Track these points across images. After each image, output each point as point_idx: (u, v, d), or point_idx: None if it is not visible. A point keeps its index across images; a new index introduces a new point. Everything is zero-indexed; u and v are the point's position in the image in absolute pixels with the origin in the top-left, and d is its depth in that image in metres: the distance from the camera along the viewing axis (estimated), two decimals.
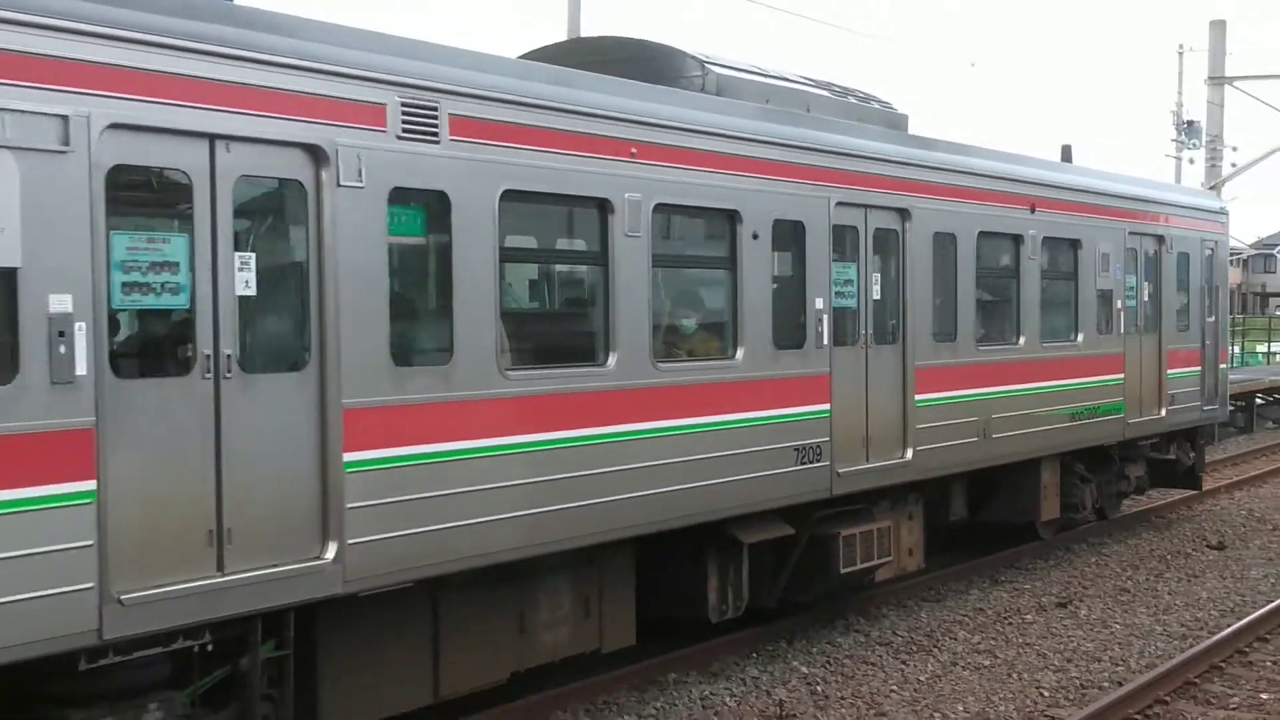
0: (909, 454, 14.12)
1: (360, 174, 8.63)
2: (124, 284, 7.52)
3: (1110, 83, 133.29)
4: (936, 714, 11.45)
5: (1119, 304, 18.55)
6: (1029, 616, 14.87)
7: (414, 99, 9.02)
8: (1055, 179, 17.26)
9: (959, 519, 16.61)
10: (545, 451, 10.01)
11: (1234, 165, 47.56)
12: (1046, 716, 11.44)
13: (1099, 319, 18.05)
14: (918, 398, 14.21)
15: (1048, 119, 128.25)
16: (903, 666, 12.84)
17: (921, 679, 12.43)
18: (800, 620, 13.88)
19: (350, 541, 8.61)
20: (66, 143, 7.16)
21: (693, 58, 12.77)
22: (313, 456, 8.47)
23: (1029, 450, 16.58)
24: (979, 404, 15.28)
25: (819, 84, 14.46)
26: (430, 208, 9.27)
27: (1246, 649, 13.56)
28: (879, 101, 15.17)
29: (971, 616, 14.82)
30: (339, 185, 8.51)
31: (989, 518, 17.38)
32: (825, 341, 12.90)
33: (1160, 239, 19.73)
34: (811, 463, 12.73)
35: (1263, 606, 14.93)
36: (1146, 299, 19.42)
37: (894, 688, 12.17)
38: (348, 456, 8.60)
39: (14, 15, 6.99)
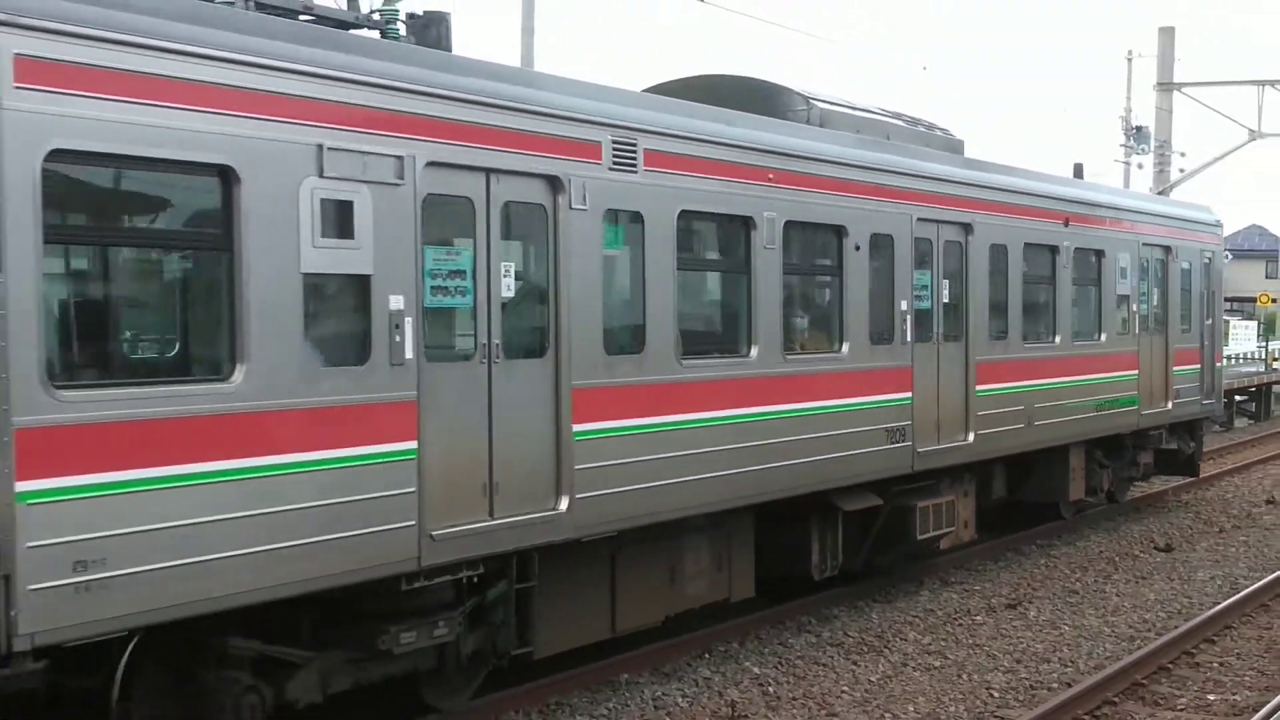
0: (970, 437, 16.26)
1: (585, 199, 10.69)
2: (432, 287, 9.57)
3: (1060, 87, 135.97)
4: (887, 714, 11.51)
5: (1134, 307, 20.78)
6: (979, 618, 14.96)
7: (621, 137, 11.09)
8: (1083, 196, 19.48)
9: (999, 497, 18.76)
10: (710, 427, 12.09)
11: (1182, 171, 47.92)
12: (996, 717, 11.50)
13: (1118, 321, 20.26)
14: (978, 388, 16.36)
15: (998, 122, 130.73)
16: (854, 667, 12.92)
17: (872, 679, 12.52)
18: (752, 620, 14.13)
19: (577, 496, 10.66)
20: (401, 177, 9.20)
21: (798, 94, 14.86)
22: (550, 427, 10.52)
23: (1063, 436, 18.76)
24: (1025, 395, 17.44)
25: (892, 114, 16.59)
26: (629, 226, 11.33)
27: (1194, 650, 13.65)
28: (941, 129, 17.32)
29: (922, 617, 14.88)
30: (570, 208, 10.57)
31: (1024, 497, 19.53)
32: (908, 338, 15.02)
33: (1167, 249, 21.96)
34: (898, 442, 14.84)
35: (1209, 608, 15.12)
36: (1156, 303, 21.66)
37: (845, 688, 12.24)
38: (576, 427, 10.65)
39: (371, 79, 9.02)
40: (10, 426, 7.11)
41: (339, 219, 8.78)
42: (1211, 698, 12.15)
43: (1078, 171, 23.05)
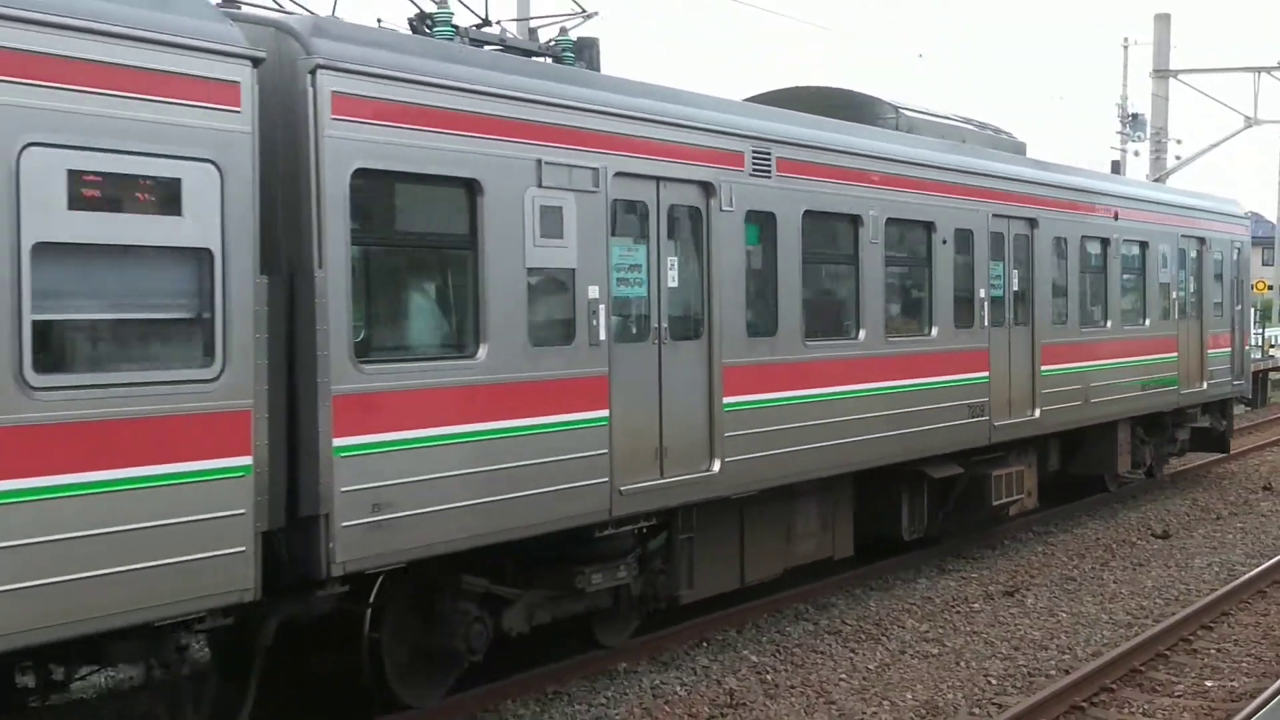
0: (1037, 413, 17.92)
1: (731, 202, 12.35)
2: (617, 279, 11.23)
3: (1056, 75, 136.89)
4: (885, 702, 11.49)
5: (1174, 295, 22.45)
6: (976, 605, 14.94)
7: (759, 148, 12.75)
8: (1130, 192, 21.15)
9: (1054, 469, 20.41)
10: (826, 401, 13.75)
11: (1178, 158, 47.17)
12: (994, 704, 11.45)
13: (1160, 307, 21.92)
14: (1043, 368, 18.02)
15: (994, 110, 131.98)
16: (852, 655, 12.92)
17: (870, 667, 12.52)
18: (750, 609, 14.16)
19: (726, 460, 12.34)
20: (596, 185, 10.86)
21: (888, 103, 16.52)
22: (705, 399, 12.19)
23: (1113, 413, 20.41)
24: (1082, 374, 19.10)
25: (964, 119, 18.24)
26: (764, 225, 12.99)
27: (1191, 637, 13.63)
28: (1005, 133, 18.98)
29: (919, 605, 14.86)
30: (720, 210, 12.23)
31: (1076, 470, 21.17)
32: (985, 323, 16.69)
33: (1202, 241, 23.62)
34: (977, 417, 16.50)
35: (1207, 595, 15.08)
36: (1192, 290, 23.34)
37: (843, 676, 12.24)
38: (725, 400, 12.32)
39: (576, 103, 10.69)
40: (330, 394, 8.77)
41: (552, 222, 10.44)
42: (1209, 684, 12.14)
43: (1115, 168, 24.74)
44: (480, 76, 9.92)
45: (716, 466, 12.29)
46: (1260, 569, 16.41)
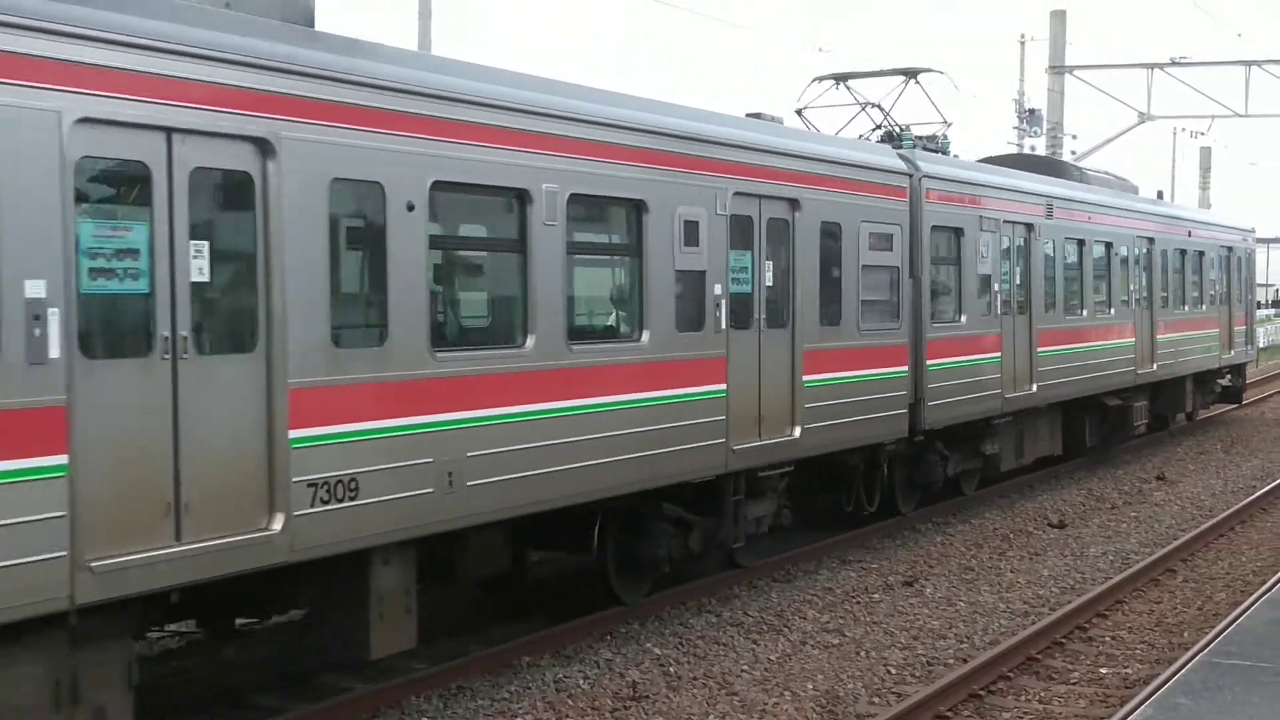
0: (1155, 366, 27.08)
1: (1040, 235, 21.30)
2: (1002, 280, 20.09)
3: (955, 70, 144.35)
4: (787, 692, 11.52)
5: (1218, 287, 31.76)
6: (876, 595, 15.08)
7: (1049, 203, 21.70)
8: (1195, 217, 30.64)
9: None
10: (1072, 354, 22.73)
11: (1074, 153, 48.93)
12: (894, 694, 11.52)
13: (1209, 296, 31.21)
14: (1158, 337, 27.18)
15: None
16: (754, 646, 12.94)
17: (772, 658, 12.56)
18: (654, 602, 14.15)
19: (1040, 384, 21.27)
20: (996, 229, 19.76)
21: (1072, 165, 25.62)
22: (1028, 348, 21.12)
23: (1187, 369, 29.63)
24: (1174, 342, 28.30)
25: (1104, 171, 27.41)
26: (1050, 247, 21.94)
27: (1086, 625, 13.78)
28: (1124, 178, 28.19)
29: (820, 596, 14.98)
30: (1036, 239, 21.17)
31: (1155, 410, 30.25)
32: (1133, 306, 25.80)
33: (1230, 249, 32.99)
34: (1128, 367, 25.59)
35: (1101, 584, 15.33)
36: (1224, 284, 32.68)
37: (745, 667, 12.30)
38: (1039, 349, 21.24)
39: (995, 185, 19.64)
40: (926, 338, 17.63)
41: (986, 250, 19.34)
42: (1104, 671, 12.31)
43: (1160, 195, 34.07)
44: (962, 174, 18.84)
45: (1036, 388, 21.23)
46: (1153, 558, 16.70)
